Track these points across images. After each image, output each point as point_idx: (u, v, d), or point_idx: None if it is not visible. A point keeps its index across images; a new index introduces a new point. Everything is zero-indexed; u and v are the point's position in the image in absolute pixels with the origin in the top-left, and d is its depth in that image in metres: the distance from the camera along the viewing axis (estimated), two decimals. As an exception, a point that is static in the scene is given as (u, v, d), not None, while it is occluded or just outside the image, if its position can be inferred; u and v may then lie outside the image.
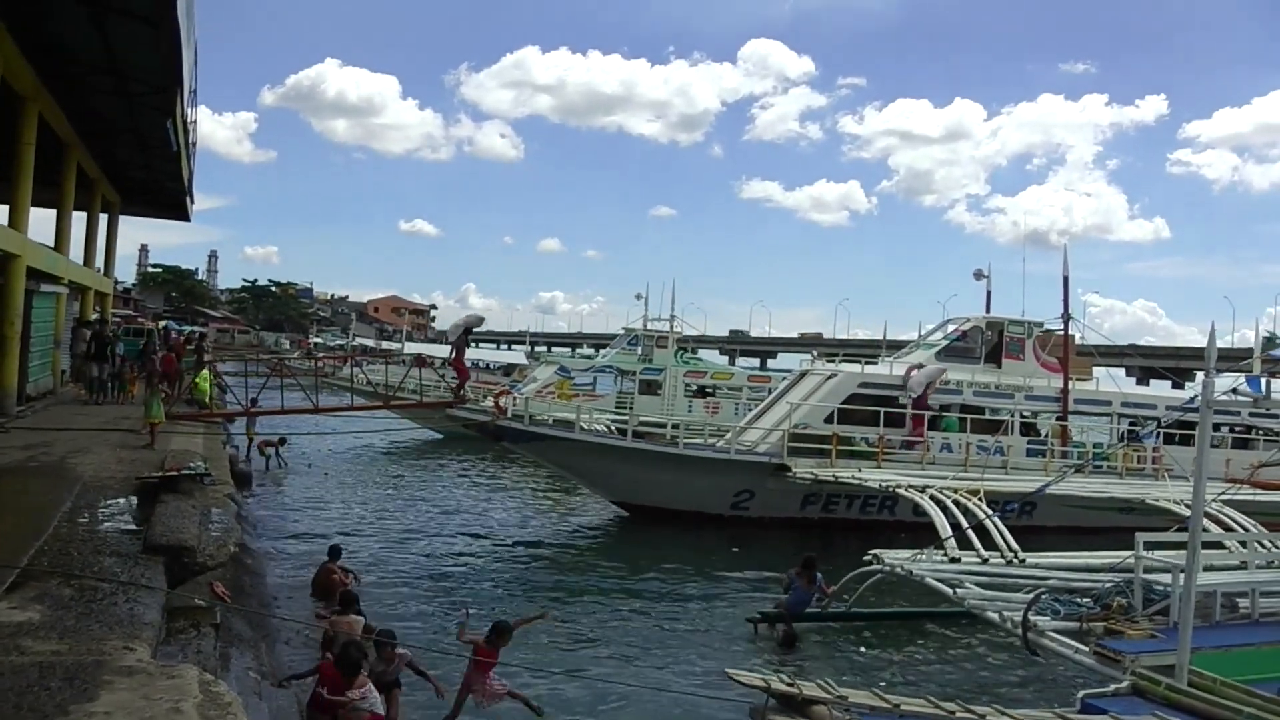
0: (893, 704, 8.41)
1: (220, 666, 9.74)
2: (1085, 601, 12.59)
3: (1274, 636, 11.19)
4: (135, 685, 6.98)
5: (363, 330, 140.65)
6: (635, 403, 40.07)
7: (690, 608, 17.57)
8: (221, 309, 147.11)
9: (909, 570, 14.82)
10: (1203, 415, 10.39)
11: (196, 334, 57.47)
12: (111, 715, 6.32)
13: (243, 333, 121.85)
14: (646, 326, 45.92)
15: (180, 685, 7.09)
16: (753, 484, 25.28)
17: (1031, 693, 12.83)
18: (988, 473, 25.18)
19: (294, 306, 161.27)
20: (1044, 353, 30.99)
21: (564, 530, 25.31)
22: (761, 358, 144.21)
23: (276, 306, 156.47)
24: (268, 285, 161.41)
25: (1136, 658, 10.48)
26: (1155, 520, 19.31)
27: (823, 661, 14.52)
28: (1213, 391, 10.27)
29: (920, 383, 28.07)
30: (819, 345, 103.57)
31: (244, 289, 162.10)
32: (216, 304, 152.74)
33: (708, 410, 40.90)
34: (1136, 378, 65.08)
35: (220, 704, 6.91)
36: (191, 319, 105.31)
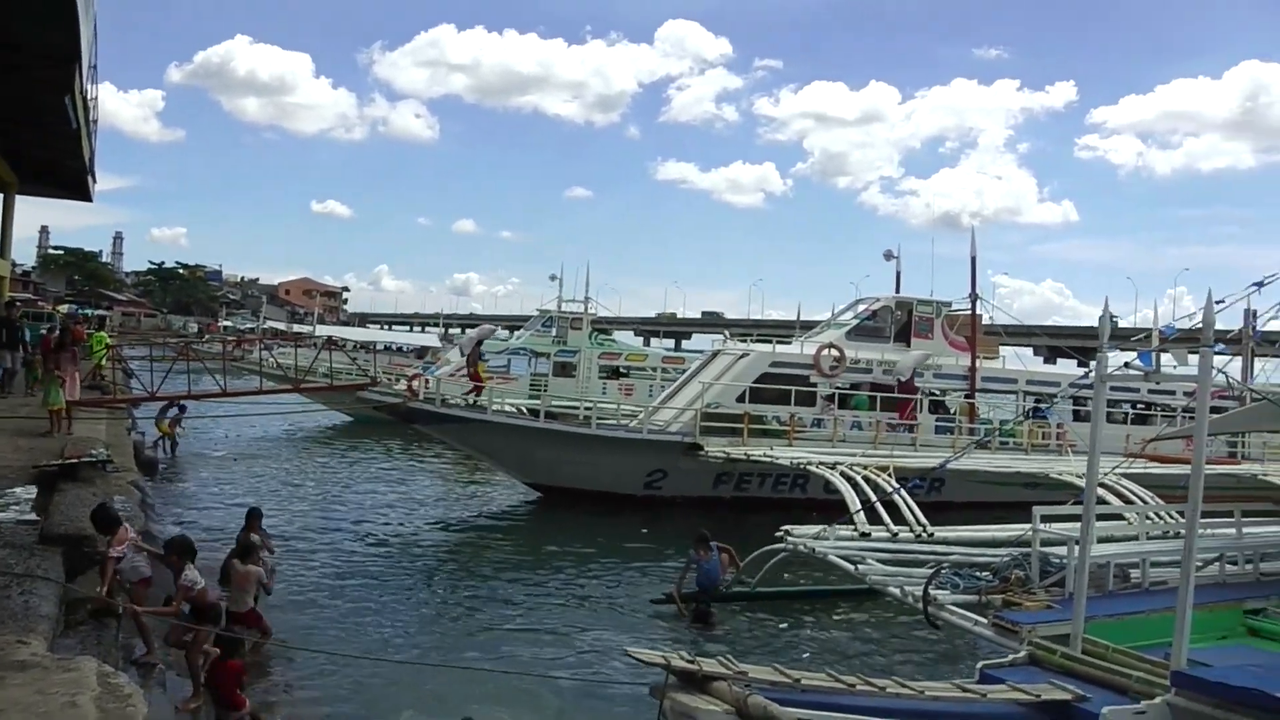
0: (794, 679, 8.46)
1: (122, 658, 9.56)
2: (985, 575, 12.84)
3: (1163, 604, 11.47)
4: (30, 680, 6.82)
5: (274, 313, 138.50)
6: (549, 384, 40.03)
7: (597, 588, 17.61)
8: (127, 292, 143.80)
9: (812, 548, 14.96)
10: (1096, 391, 10.65)
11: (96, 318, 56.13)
12: (5, 712, 6.15)
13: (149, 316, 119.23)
14: (561, 308, 45.89)
15: (77, 678, 6.94)
16: (665, 464, 25.38)
17: (932, 665, 13.07)
18: (897, 450, 25.56)
19: (202, 289, 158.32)
20: (952, 332, 31.53)
21: (475, 513, 25.21)
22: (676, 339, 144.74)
23: (184, 289, 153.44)
24: (175, 268, 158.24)
25: (1033, 628, 10.68)
26: (1059, 494, 19.71)
27: (726, 639, 14.65)
28: (1106, 367, 10.51)
29: (908, 367, 28.89)
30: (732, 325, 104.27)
31: (151, 272, 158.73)
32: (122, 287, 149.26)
33: (622, 391, 40.97)
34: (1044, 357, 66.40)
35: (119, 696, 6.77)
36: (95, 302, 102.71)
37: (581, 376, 41.37)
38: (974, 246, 31.65)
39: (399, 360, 52.99)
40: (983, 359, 31.02)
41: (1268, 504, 17.29)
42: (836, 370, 28.52)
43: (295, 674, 12.34)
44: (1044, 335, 72.30)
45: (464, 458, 30.12)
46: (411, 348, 61.22)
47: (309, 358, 35.25)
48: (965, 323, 31.43)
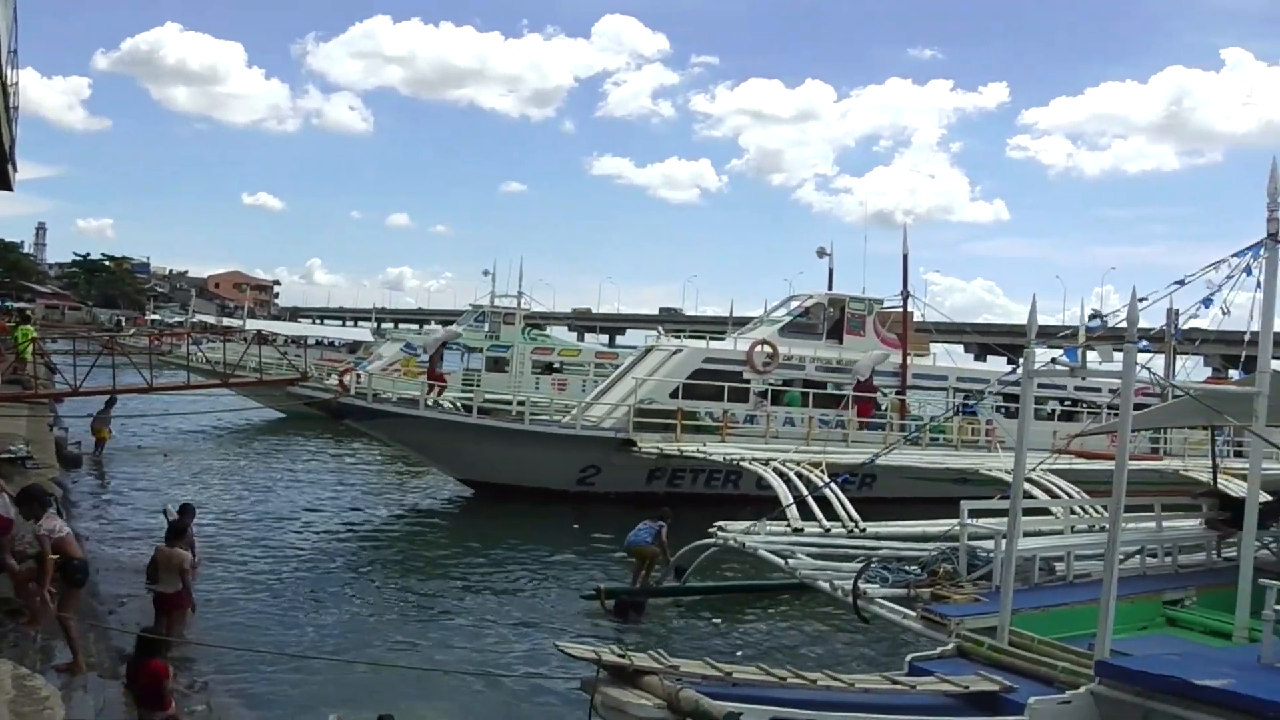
0: (725, 672, 8.48)
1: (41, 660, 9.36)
2: (913, 569, 12.95)
3: (1087, 596, 11.66)
4: (-63, 685, 6.62)
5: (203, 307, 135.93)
6: (482, 380, 39.84)
7: (530, 584, 17.56)
8: (50, 284, 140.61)
9: (743, 543, 15.02)
10: (1024, 386, 10.79)
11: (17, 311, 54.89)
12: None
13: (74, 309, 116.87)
14: (494, 303, 45.67)
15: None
16: (599, 459, 25.35)
17: (863, 658, 13.19)
18: (829, 446, 25.74)
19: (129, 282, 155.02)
20: (884, 329, 31.81)
21: (407, 510, 25.04)
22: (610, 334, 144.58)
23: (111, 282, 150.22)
24: (101, 260, 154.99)
25: (961, 621, 10.80)
26: (988, 490, 19.98)
27: (658, 633, 14.67)
28: (1033, 364, 10.66)
29: (867, 366, 29.31)
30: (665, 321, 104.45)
31: (75, 264, 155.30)
32: (45, 279, 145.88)
33: (555, 387, 40.86)
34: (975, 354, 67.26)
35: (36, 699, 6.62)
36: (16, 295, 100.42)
37: (515, 372, 41.17)
38: (906, 245, 32.01)
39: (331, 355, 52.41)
40: (914, 356, 31.32)
41: (1185, 498, 17.60)
42: (770, 367, 28.65)
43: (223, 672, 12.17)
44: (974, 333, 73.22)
45: (396, 454, 29.87)
46: (344, 342, 60.54)
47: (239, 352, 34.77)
48: (897, 320, 31.73)
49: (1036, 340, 10.82)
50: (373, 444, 31.56)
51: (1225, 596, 12.33)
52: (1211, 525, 15.69)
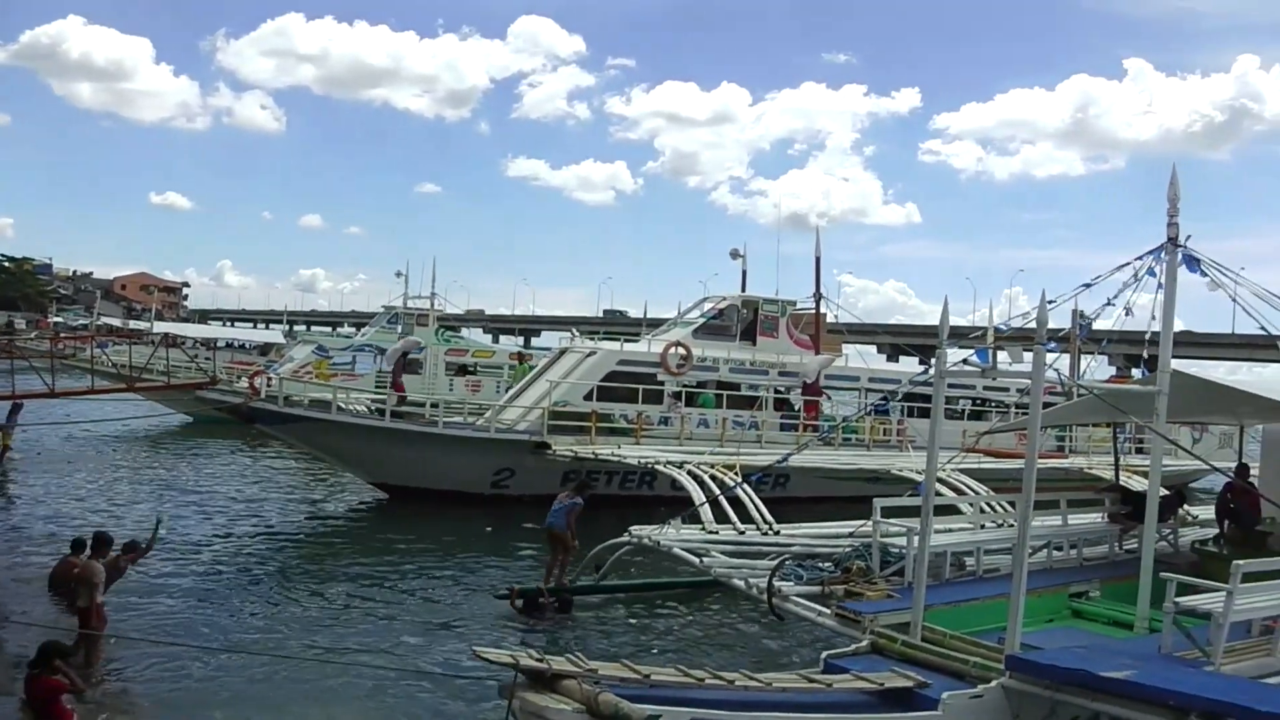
0: (643, 674, 8.50)
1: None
2: (827, 566, 13.10)
3: (996, 591, 11.91)
4: None
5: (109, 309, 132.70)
6: (395, 382, 39.45)
7: (444, 588, 17.41)
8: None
9: (656, 541, 15.05)
10: (936, 387, 10.99)
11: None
12: None
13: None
14: (407, 305, 45.28)
15: None
16: (513, 462, 25.24)
17: (779, 656, 13.29)
18: (743, 447, 25.89)
19: (31, 283, 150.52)
20: (797, 330, 32.12)
21: (319, 514, 24.70)
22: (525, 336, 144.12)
23: (10, 284, 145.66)
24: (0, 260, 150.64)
25: (875, 617, 10.95)
26: (900, 488, 20.29)
27: (575, 636, 14.64)
28: (945, 364, 10.85)
29: (813, 369, 29.72)
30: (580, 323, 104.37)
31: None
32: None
33: (469, 389, 40.58)
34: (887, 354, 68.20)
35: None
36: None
37: (428, 374, 40.77)
38: (819, 247, 32.39)
39: (242, 358, 51.53)
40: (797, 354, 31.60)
41: (1089, 494, 18.03)
42: (683, 368, 28.77)
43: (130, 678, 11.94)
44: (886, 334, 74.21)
45: (309, 458, 29.45)
46: (255, 345, 59.50)
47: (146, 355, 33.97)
48: (809, 321, 32.05)
49: (951, 340, 11.02)
50: (285, 448, 31.06)
51: (1127, 588, 12.67)
52: (1114, 519, 16.10)
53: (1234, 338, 80.00)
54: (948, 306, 11.03)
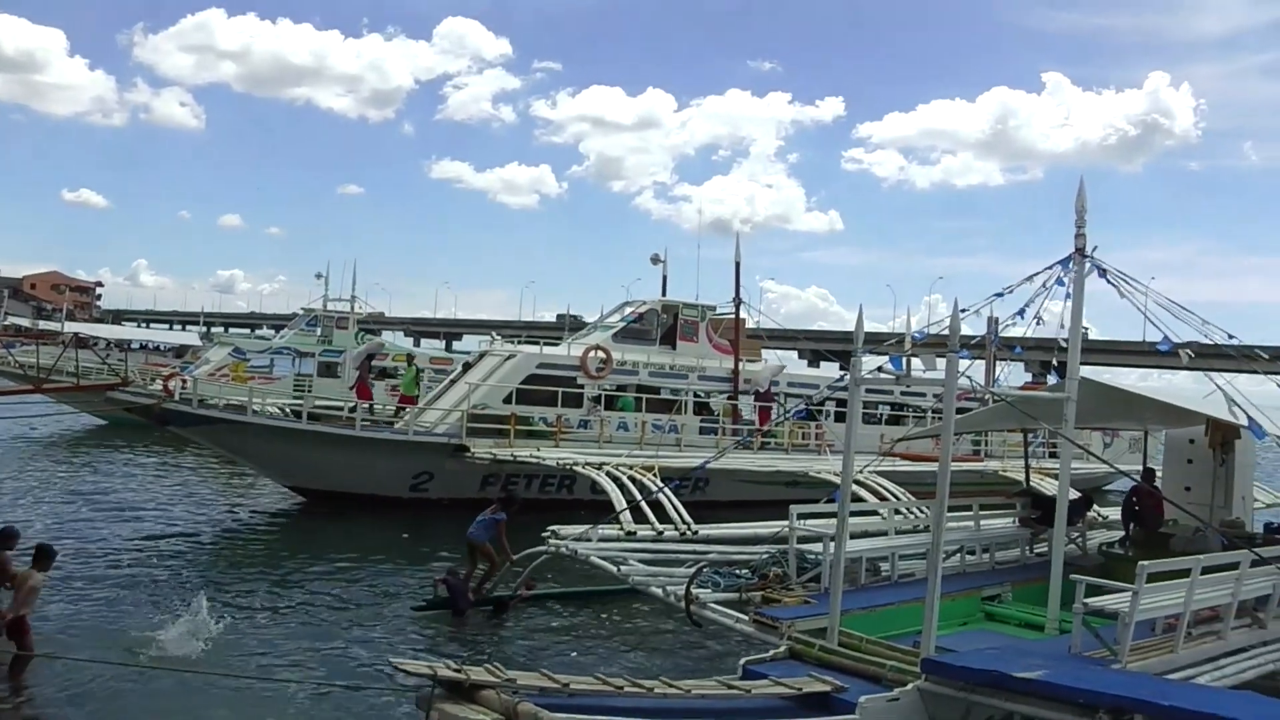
0: (562, 683, 8.50)
1: None
2: (744, 573, 13.21)
3: (911, 595, 12.09)
4: None
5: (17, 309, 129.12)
6: (313, 385, 39.01)
7: (361, 595, 17.14)
8: None
9: (575, 550, 15.04)
10: (851, 393, 11.15)
11: None
12: None
13: None
14: (326, 307, 44.77)
15: None
16: (432, 465, 25.07)
17: (697, 663, 13.31)
18: (663, 451, 26.00)
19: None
20: (717, 335, 32.31)
21: (234, 519, 24.21)
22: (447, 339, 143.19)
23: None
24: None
25: (792, 623, 11.05)
26: (819, 492, 20.49)
27: (493, 645, 14.52)
28: (860, 371, 11.00)
29: (765, 377, 30.45)
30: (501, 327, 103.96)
31: None
32: None
33: (389, 393, 40.22)
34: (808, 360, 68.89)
35: None
36: None
37: (347, 377, 40.34)
38: (738, 252, 32.53)
39: (156, 360, 50.53)
40: (746, 362, 31.88)
41: (1001, 498, 18.36)
42: (603, 372, 28.80)
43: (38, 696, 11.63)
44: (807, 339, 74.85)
45: (224, 461, 28.94)
46: (170, 347, 58.34)
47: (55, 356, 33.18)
48: (729, 326, 32.25)
49: (866, 347, 11.18)
50: (200, 452, 30.50)
51: (1038, 590, 12.95)
52: (1025, 523, 16.45)
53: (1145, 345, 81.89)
54: (862, 315, 11.19)
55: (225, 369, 39.69)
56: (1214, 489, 16.72)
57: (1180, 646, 10.75)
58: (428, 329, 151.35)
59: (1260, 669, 11.17)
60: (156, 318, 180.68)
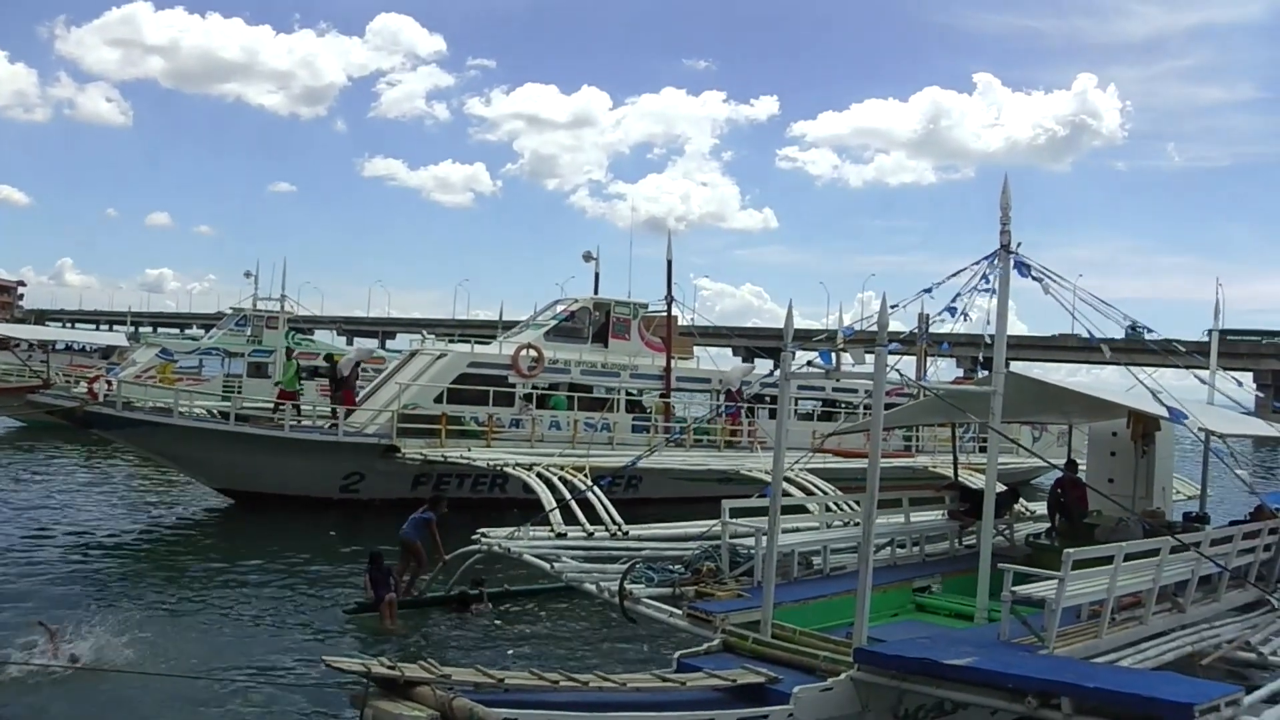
0: (498, 679, 8.48)
1: None
2: (678, 568, 13.27)
3: (843, 587, 12.24)
4: None
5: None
6: (243, 386, 38.53)
7: (291, 598, 16.97)
8: None
9: (507, 548, 15.02)
10: (781, 390, 11.29)
11: None
12: None
13: None
14: (256, 306, 44.20)
15: None
16: (362, 466, 24.90)
17: (632, 657, 13.37)
18: (595, 449, 26.03)
19: None
20: (649, 333, 32.40)
21: (163, 521, 23.85)
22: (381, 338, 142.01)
23: None
24: None
25: (726, 617, 11.13)
26: (751, 488, 20.67)
27: (428, 643, 14.45)
28: (790, 367, 11.12)
29: (736, 377, 31.12)
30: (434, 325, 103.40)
31: None
32: None
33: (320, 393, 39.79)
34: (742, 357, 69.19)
35: None
36: None
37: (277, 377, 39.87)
38: (670, 250, 32.63)
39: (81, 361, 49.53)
40: (678, 359, 32.00)
41: (931, 491, 18.61)
42: (535, 370, 28.75)
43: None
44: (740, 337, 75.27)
45: (151, 465, 28.47)
46: (96, 347, 57.14)
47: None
48: (661, 324, 32.36)
49: (798, 344, 11.29)
50: (127, 455, 30.00)
51: (967, 581, 13.12)
52: (954, 516, 16.70)
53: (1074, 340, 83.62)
54: (792, 312, 11.25)
55: (152, 370, 39.02)
56: (1136, 480, 17.12)
57: (1104, 631, 11.03)
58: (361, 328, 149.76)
59: (1179, 651, 11.45)
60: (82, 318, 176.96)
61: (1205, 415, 14.55)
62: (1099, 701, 8.40)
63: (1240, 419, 17.10)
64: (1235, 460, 15.96)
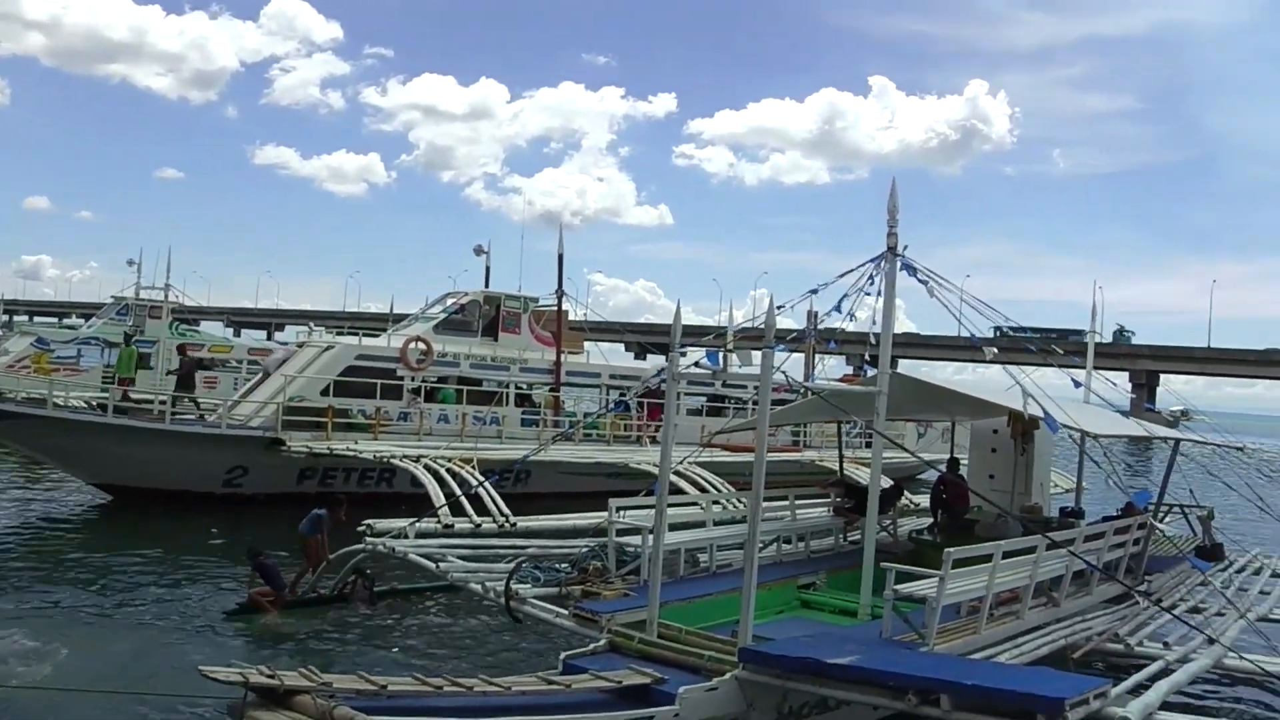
0: (380, 685, 8.34)
1: None
2: (564, 567, 13.25)
3: (729, 585, 12.32)
4: None
5: None
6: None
7: (167, 598, 16.40)
8: None
9: (392, 548, 14.82)
10: (669, 386, 11.34)
11: None
12: None
13: None
14: (139, 295, 43.00)
15: None
16: (246, 459, 24.38)
17: (518, 659, 13.26)
18: (483, 443, 25.91)
19: None
20: (539, 327, 32.33)
21: (34, 518, 22.98)
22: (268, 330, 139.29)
23: None
24: None
25: (612, 616, 11.11)
26: (640, 483, 20.72)
27: (311, 647, 14.12)
28: (677, 366, 11.17)
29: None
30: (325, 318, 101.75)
31: None
32: None
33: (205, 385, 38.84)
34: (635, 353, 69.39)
35: None
36: None
37: (160, 369, 38.72)
38: (561, 244, 32.68)
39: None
40: (568, 354, 31.99)
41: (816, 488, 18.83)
42: (424, 363, 28.52)
43: None
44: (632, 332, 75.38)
45: (23, 459, 27.48)
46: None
47: None
48: (552, 318, 32.30)
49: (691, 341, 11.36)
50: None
51: (852, 578, 13.33)
52: (839, 513, 16.94)
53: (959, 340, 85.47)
54: (680, 312, 11.33)
55: (27, 360, 37.74)
56: (1015, 476, 17.61)
57: (983, 627, 11.33)
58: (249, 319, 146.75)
59: (1054, 645, 11.80)
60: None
61: (1081, 415, 14.98)
62: (976, 698, 8.61)
63: (1115, 419, 17.65)
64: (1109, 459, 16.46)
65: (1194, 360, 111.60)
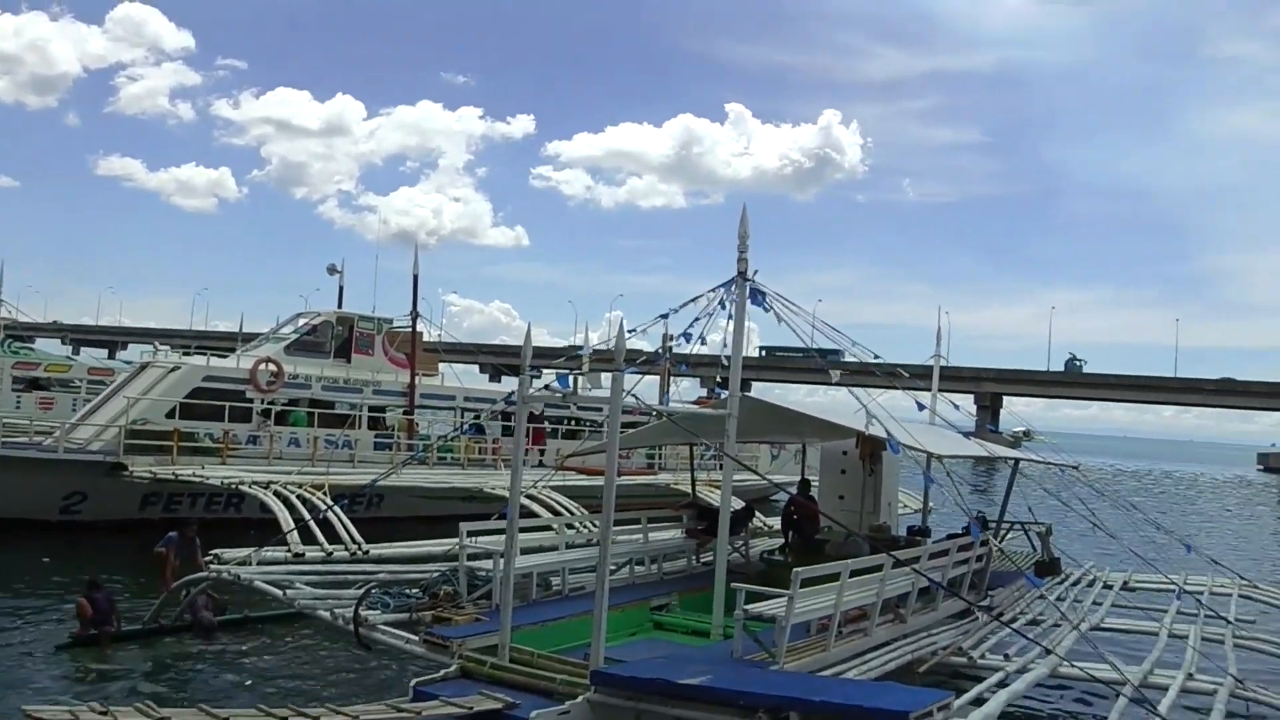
0: (221, 718, 8.14)
1: None
2: (415, 592, 13.08)
3: (581, 608, 12.31)
4: None
5: None
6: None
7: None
8: None
9: (238, 575, 14.40)
10: (519, 409, 11.36)
11: None
12: None
13: None
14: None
15: None
16: (85, 485, 23.49)
17: (369, 686, 13.00)
18: (335, 467, 25.42)
19: None
20: (393, 348, 31.96)
21: None
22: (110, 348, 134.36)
23: None
24: None
25: (463, 641, 11.00)
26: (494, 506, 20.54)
27: (148, 679, 13.56)
28: (527, 389, 11.19)
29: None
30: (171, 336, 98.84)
31: None
32: None
33: (39, 406, 37.30)
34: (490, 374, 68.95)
35: None
36: None
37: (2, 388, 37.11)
38: (416, 265, 32.49)
39: None
40: (423, 376, 31.68)
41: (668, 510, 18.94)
42: (274, 385, 27.91)
43: None
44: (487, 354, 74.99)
45: None
46: None
47: None
48: (407, 339, 31.96)
49: (544, 363, 11.37)
50: None
51: (704, 599, 13.45)
52: (691, 534, 17.07)
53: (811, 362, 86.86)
54: (530, 335, 11.39)
55: None
56: (864, 497, 18.04)
57: (832, 645, 11.58)
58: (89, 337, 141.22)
59: (901, 660, 12.09)
60: None
61: (926, 437, 15.42)
62: (824, 714, 8.80)
63: (959, 440, 18.20)
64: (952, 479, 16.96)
65: (1035, 383, 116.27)
